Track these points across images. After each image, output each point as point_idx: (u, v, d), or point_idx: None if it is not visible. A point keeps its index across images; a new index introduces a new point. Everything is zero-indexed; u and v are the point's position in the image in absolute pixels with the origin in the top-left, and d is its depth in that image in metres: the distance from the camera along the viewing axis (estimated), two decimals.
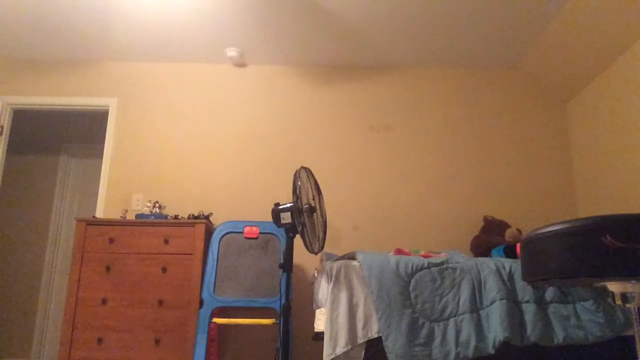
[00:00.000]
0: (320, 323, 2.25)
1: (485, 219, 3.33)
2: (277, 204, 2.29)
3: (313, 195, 2.38)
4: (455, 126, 3.71)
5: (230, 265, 2.95)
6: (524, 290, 2.17)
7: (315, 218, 2.36)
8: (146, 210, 3.20)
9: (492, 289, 2.16)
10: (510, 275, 2.21)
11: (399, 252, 2.70)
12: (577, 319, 2.11)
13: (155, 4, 3.05)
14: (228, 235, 3.03)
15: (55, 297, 4.36)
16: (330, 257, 2.73)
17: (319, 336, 2.27)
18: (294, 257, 3.39)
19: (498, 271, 2.21)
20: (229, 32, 3.37)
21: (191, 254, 2.91)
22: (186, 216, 3.38)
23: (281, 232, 3.03)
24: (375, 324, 2.10)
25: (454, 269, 2.24)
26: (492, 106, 3.75)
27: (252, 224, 3.05)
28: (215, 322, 2.81)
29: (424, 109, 3.75)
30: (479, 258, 2.57)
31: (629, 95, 2.95)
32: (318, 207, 2.37)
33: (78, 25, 3.29)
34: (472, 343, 2.04)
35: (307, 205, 2.26)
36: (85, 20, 3.23)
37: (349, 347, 2.06)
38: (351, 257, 2.40)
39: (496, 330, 2.04)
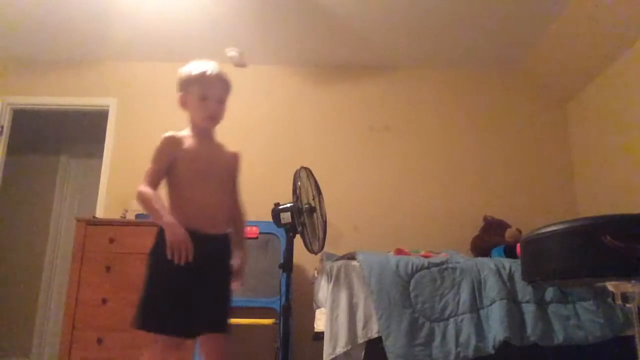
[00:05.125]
0: (320, 323, 2.25)
1: (485, 219, 3.32)
2: (277, 204, 2.29)
3: (313, 195, 2.38)
4: (455, 126, 3.71)
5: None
6: (524, 290, 2.17)
7: (315, 218, 2.36)
8: None
9: (492, 289, 2.16)
10: (510, 275, 2.21)
11: (399, 252, 2.70)
12: (577, 319, 2.11)
13: (155, 3, 3.05)
14: None
15: (55, 297, 4.36)
16: (330, 257, 2.73)
17: (319, 336, 2.27)
18: (294, 257, 3.38)
19: (498, 271, 2.21)
20: (229, 32, 3.37)
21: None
22: None
23: (281, 232, 3.03)
24: (375, 324, 2.10)
25: (454, 269, 2.24)
26: (492, 106, 3.75)
27: (252, 224, 3.05)
28: None
29: (423, 109, 3.75)
30: (479, 258, 2.57)
31: (629, 95, 2.95)
32: (318, 207, 2.37)
33: (78, 25, 3.29)
34: (472, 343, 2.04)
35: (307, 205, 2.26)
36: (85, 20, 3.22)
37: (349, 347, 2.06)
38: (351, 257, 2.40)
39: (496, 330, 2.04)
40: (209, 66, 1.73)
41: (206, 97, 1.71)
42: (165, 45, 3.54)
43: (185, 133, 1.75)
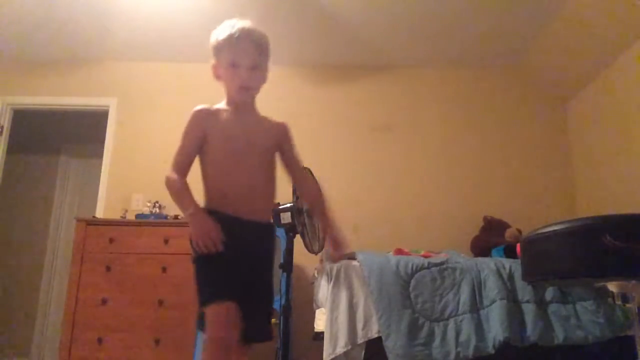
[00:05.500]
0: (320, 323, 2.25)
1: (485, 219, 3.32)
2: (277, 204, 2.29)
3: None
4: (455, 126, 3.70)
5: None
6: (524, 290, 2.17)
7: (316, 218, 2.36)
8: (146, 210, 3.20)
9: (492, 289, 2.16)
10: (510, 275, 2.21)
11: (399, 252, 2.70)
12: (577, 319, 2.11)
13: (155, 3, 3.05)
14: None
15: (55, 297, 4.36)
16: None
17: (319, 336, 2.27)
18: (294, 257, 3.38)
19: (498, 271, 2.21)
20: None
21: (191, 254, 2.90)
22: None
23: (281, 232, 3.03)
24: (375, 324, 2.10)
25: (454, 269, 2.24)
26: (492, 106, 3.75)
27: None
28: None
29: (424, 109, 3.74)
30: (479, 258, 2.57)
31: (629, 95, 2.95)
32: None
33: (78, 25, 3.29)
34: (472, 343, 2.05)
35: (307, 206, 2.26)
36: (85, 20, 3.22)
37: (349, 347, 2.06)
38: (351, 257, 2.40)
39: (496, 330, 2.04)
40: (237, 27, 1.50)
41: (236, 63, 1.46)
42: (165, 45, 3.54)
43: (220, 106, 1.51)
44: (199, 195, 1.46)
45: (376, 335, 2.09)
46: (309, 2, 3.01)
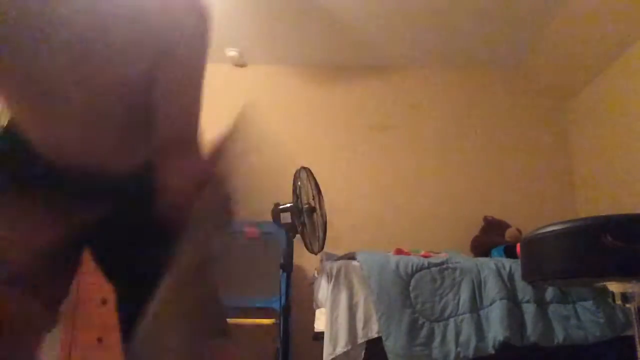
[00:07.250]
0: (320, 323, 2.25)
1: (485, 219, 3.32)
2: (277, 204, 2.29)
3: (313, 196, 2.38)
4: (455, 126, 3.70)
5: (230, 265, 2.94)
6: (524, 290, 2.17)
7: (315, 218, 2.36)
8: None
9: (492, 289, 2.16)
10: (510, 275, 2.21)
11: (399, 252, 2.70)
12: (577, 319, 2.11)
13: None
14: None
15: None
16: (331, 257, 2.73)
17: (319, 336, 2.27)
18: (294, 257, 3.38)
19: (498, 271, 2.21)
20: (228, 32, 3.37)
21: None
22: None
23: (281, 232, 3.03)
24: (375, 324, 2.10)
25: (454, 269, 2.24)
26: (491, 106, 3.75)
27: (252, 224, 3.05)
28: None
29: (424, 109, 3.74)
30: (479, 258, 2.58)
31: (629, 95, 2.95)
32: (318, 207, 2.37)
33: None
34: (472, 343, 2.05)
35: (307, 206, 2.27)
36: None
37: (349, 347, 2.06)
38: (351, 257, 2.40)
39: (496, 330, 2.04)
40: None
41: None
42: None
43: None
44: None
45: (376, 335, 2.08)
46: (309, 2, 3.01)
